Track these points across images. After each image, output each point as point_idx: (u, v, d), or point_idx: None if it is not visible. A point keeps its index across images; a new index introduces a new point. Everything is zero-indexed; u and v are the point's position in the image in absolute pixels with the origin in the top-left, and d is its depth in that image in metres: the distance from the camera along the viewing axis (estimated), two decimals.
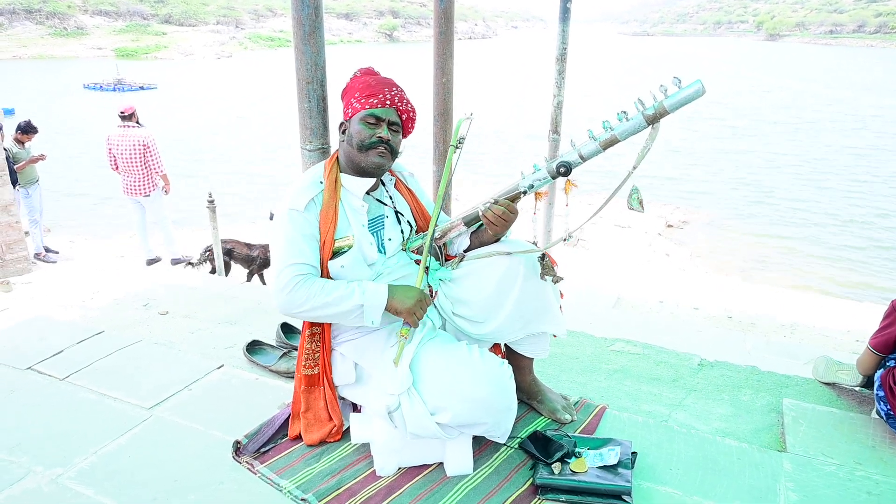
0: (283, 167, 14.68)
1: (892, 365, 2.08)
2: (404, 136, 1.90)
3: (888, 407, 2.04)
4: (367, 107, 1.79)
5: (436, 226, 1.88)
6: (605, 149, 1.62)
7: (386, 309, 1.77)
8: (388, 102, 1.80)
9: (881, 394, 2.07)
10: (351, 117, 1.82)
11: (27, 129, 6.63)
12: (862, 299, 6.97)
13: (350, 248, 1.81)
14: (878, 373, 2.13)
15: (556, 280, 1.84)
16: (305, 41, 2.44)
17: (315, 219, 1.79)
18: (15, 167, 6.41)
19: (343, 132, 1.87)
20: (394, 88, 1.82)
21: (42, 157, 6.73)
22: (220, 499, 1.75)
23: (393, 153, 1.84)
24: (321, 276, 1.80)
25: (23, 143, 6.64)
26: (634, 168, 1.57)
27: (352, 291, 1.74)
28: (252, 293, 3.43)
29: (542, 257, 1.82)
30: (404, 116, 1.86)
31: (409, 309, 1.75)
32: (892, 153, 17.12)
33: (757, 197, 12.87)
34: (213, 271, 6.05)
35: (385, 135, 1.80)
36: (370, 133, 1.79)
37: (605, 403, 2.22)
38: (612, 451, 1.81)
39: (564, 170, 1.67)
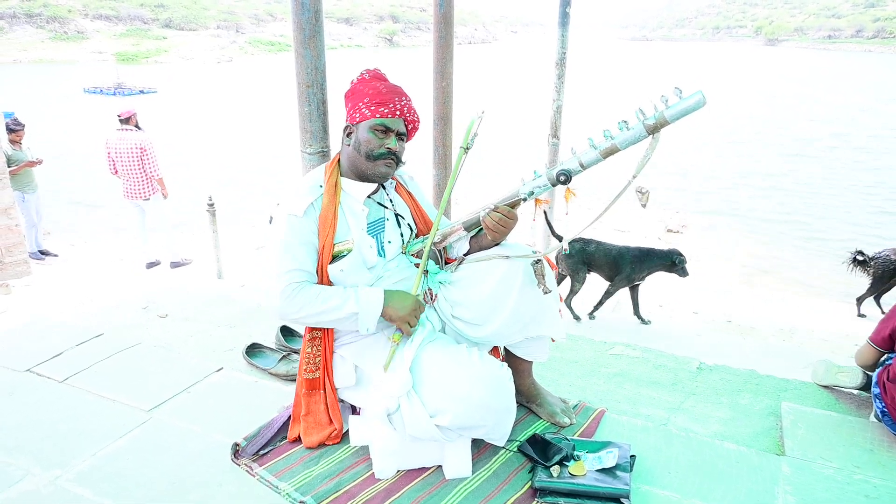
0: (282, 171, 14.69)
1: (890, 363, 2.09)
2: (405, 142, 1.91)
3: (883, 405, 2.05)
4: (378, 115, 1.78)
5: (437, 229, 1.88)
6: (605, 157, 1.63)
7: (381, 315, 1.78)
8: (397, 112, 1.80)
9: (877, 391, 2.08)
10: (359, 122, 1.81)
11: (14, 128, 6.51)
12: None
13: (350, 251, 1.81)
14: (876, 371, 2.15)
15: (546, 291, 1.84)
16: (306, 45, 2.45)
17: (314, 223, 1.79)
18: (10, 169, 6.37)
19: (348, 135, 1.86)
20: (403, 98, 1.82)
21: (39, 162, 6.67)
22: (219, 501, 1.75)
23: (398, 163, 1.85)
24: (319, 282, 1.81)
25: (19, 144, 6.58)
26: (634, 177, 1.57)
27: (347, 299, 1.75)
28: (251, 296, 3.43)
29: (537, 262, 1.83)
30: (410, 126, 1.87)
31: (403, 317, 1.77)
32: None
33: (758, 201, 12.88)
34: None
35: (394, 146, 1.80)
36: (379, 143, 1.79)
37: (604, 407, 2.23)
38: (611, 452, 1.82)
39: (564, 178, 1.67)
